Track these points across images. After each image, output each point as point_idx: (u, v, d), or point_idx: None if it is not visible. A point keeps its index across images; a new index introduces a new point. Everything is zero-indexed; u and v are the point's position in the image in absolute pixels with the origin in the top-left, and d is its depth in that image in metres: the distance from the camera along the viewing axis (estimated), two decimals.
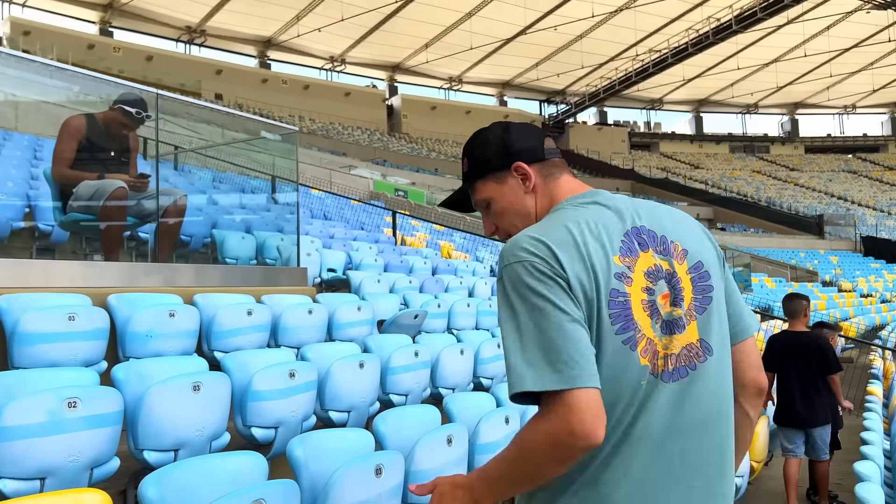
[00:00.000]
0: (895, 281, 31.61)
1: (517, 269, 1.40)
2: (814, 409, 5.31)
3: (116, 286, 4.40)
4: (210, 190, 9.90)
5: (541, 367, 1.31)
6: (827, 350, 5.43)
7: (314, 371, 3.79)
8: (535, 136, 1.64)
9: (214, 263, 6.66)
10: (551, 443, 1.31)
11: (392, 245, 11.01)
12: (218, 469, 2.40)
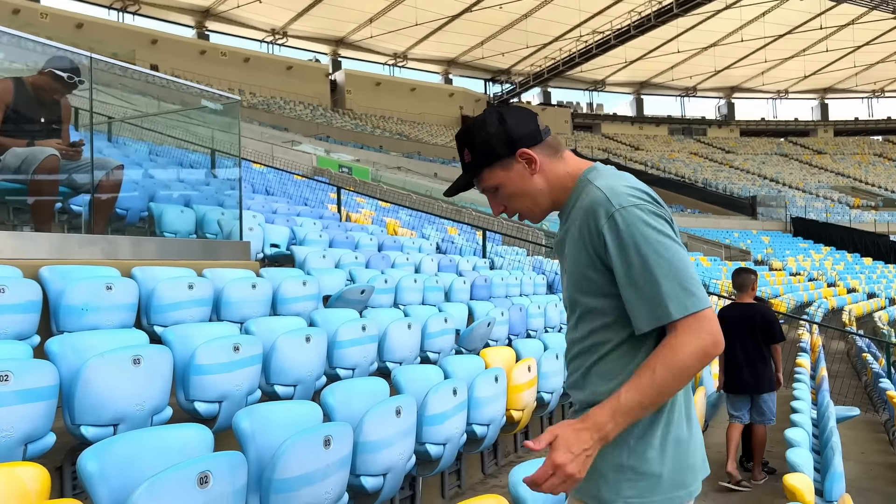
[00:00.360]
0: (822, 260, 33.02)
1: (633, 211, 1.58)
2: (760, 377, 5.52)
3: (48, 258, 4.21)
4: (147, 163, 9.56)
5: (681, 295, 1.54)
6: (773, 321, 5.64)
7: (259, 345, 3.72)
8: (531, 119, 1.74)
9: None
10: (703, 353, 1.54)
11: (337, 221, 10.87)
12: (161, 441, 2.34)
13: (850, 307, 23.40)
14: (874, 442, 7.54)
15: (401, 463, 3.20)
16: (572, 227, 1.70)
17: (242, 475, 2.32)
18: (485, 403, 4.02)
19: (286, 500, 2.52)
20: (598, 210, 1.60)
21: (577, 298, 1.70)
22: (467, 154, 1.73)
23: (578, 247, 1.66)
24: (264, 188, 13.00)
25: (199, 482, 2.13)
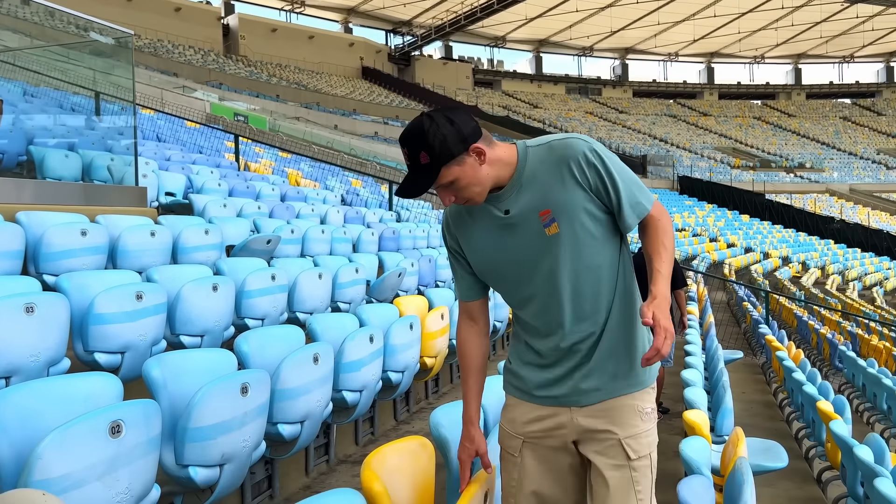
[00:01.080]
0: (705, 217, 34.98)
1: (600, 145, 1.93)
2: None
3: None
4: (22, 104, 8.78)
5: (645, 192, 1.96)
6: (675, 268, 5.91)
7: (163, 293, 3.53)
8: (471, 116, 1.90)
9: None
10: (671, 221, 2.04)
11: (235, 170, 10.44)
12: (65, 391, 2.17)
13: (730, 261, 25.03)
14: (753, 382, 8.14)
15: (318, 410, 3.15)
16: (534, 189, 1.90)
17: (157, 424, 2.21)
18: (400, 350, 4.01)
19: (202, 448, 2.42)
20: (577, 151, 1.89)
21: (577, 235, 1.91)
22: (424, 156, 1.82)
23: (564, 188, 1.89)
24: (155, 135, 12.28)
25: (110, 432, 2.00)
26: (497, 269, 2.00)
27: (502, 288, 2.05)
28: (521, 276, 1.97)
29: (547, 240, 1.91)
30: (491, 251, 1.98)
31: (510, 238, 1.94)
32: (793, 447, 5.65)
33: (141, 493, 2.14)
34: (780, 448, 4.09)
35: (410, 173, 1.85)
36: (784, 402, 6.83)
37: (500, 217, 1.93)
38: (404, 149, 1.85)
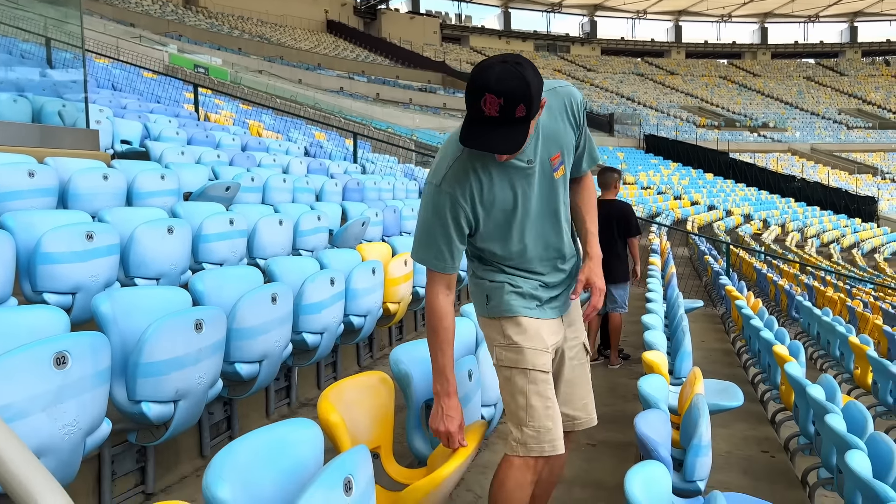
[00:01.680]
0: (670, 175, 35.31)
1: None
2: (612, 269, 5.84)
3: None
4: None
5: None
6: (629, 216, 5.96)
7: (115, 234, 3.42)
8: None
9: None
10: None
11: (195, 121, 10.17)
12: (8, 323, 2.10)
13: (693, 217, 25.39)
14: (713, 332, 8.31)
15: (277, 350, 3.11)
16: (547, 135, 2.00)
17: (105, 357, 2.14)
18: (362, 294, 3.97)
19: (155, 384, 2.37)
20: (576, 96, 2.07)
21: (567, 174, 2.11)
22: (521, 109, 1.76)
23: (566, 130, 2.05)
24: (110, 83, 11.87)
25: (55, 363, 1.94)
26: (512, 220, 2.05)
27: (509, 236, 2.08)
28: (533, 220, 2.07)
29: (555, 182, 2.07)
30: (511, 204, 2.01)
31: (530, 186, 2.02)
32: (749, 391, 5.79)
33: (90, 426, 2.09)
34: (736, 388, 4.18)
35: (503, 126, 1.78)
36: (742, 350, 6.99)
37: (523, 168, 1.98)
38: (499, 98, 1.73)
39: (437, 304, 2.10)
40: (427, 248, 2.04)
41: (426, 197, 2.03)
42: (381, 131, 17.48)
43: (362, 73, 46.62)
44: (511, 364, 2.15)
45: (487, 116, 1.76)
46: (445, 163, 1.99)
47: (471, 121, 1.81)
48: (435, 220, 2.00)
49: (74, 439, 2.02)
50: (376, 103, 37.44)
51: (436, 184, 1.98)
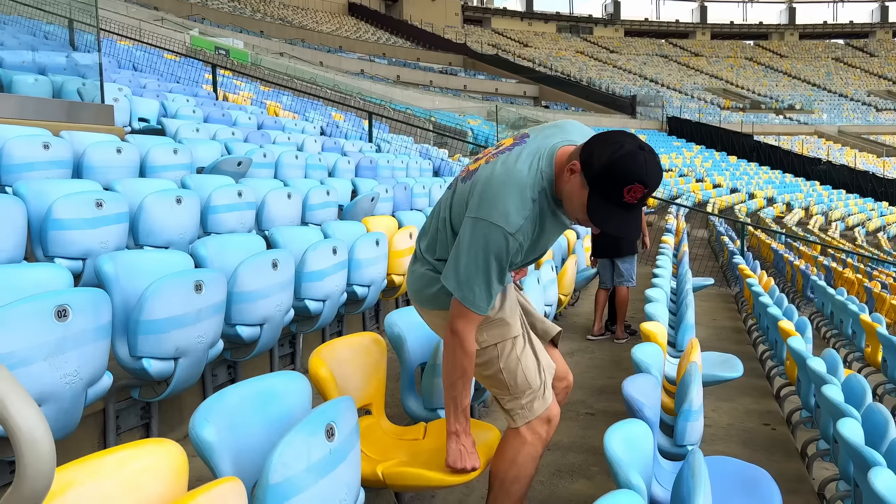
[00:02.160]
0: (692, 158, 34.92)
1: None
2: (618, 243, 5.93)
3: None
4: None
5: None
6: None
7: (125, 203, 3.53)
8: None
9: None
10: None
11: (213, 100, 10.29)
12: (13, 278, 2.20)
13: (715, 200, 25.14)
14: (725, 311, 8.30)
15: (278, 315, 3.20)
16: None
17: (106, 313, 2.24)
18: (365, 265, 4.05)
19: (155, 341, 2.47)
20: None
21: None
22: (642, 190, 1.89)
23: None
24: (131, 65, 12.03)
25: (56, 315, 2.04)
26: (533, 257, 2.19)
27: (539, 253, 2.21)
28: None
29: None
30: (545, 248, 2.17)
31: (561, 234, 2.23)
32: (756, 367, 5.80)
33: (91, 377, 2.19)
34: (736, 360, 4.20)
35: (634, 210, 1.90)
36: (752, 327, 6.98)
37: (567, 224, 2.15)
38: (646, 189, 1.86)
39: (471, 346, 2.08)
40: (479, 290, 2.00)
41: (491, 240, 1.97)
42: (399, 112, 17.52)
43: (383, 56, 46.54)
44: (497, 339, 2.20)
45: (625, 202, 1.85)
46: (520, 214, 1.96)
47: (605, 202, 1.87)
48: (496, 266, 1.99)
49: (76, 389, 2.12)
50: (396, 85, 37.42)
51: (510, 232, 1.95)
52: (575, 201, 1.93)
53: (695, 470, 1.96)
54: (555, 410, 2.29)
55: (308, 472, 1.74)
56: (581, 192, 1.90)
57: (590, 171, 1.87)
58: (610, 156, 1.84)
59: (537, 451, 2.23)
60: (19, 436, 0.92)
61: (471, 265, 1.98)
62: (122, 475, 1.46)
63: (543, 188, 1.98)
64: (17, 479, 0.93)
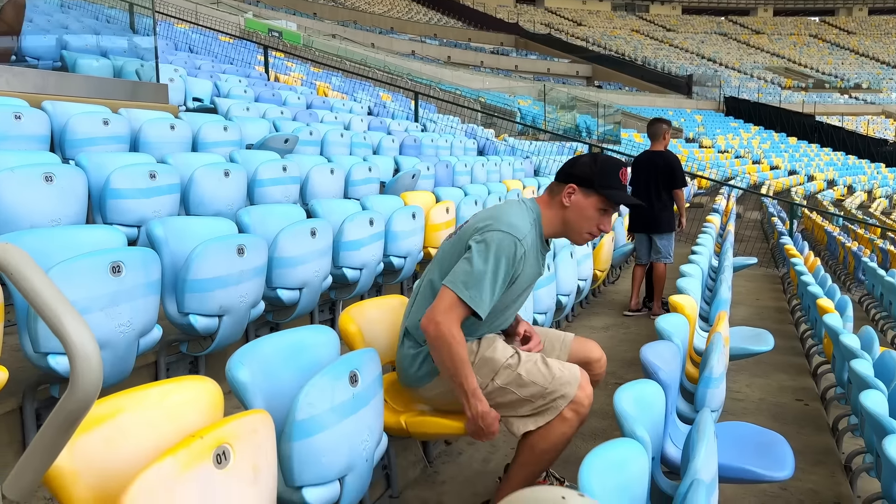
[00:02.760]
0: (750, 139, 34.03)
1: None
2: (657, 219, 5.96)
3: None
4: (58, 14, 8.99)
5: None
6: (675, 167, 5.98)
7: (176, 175, 3.76)
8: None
9: None
10: None
11: (264, 81, 10.58)
12: (72, 238, 2.43)
13: (771, 182, 24.50)
14: (770, 291, 8.20)
15: (316, 280, 3.39)
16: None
17: (156, 270, 2.45)
18: (402, 237, 4.21)
19: (200, 299, 2.68)
20: None
21: None
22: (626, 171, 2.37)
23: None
24: (188, 47, 12.43)
25: (111, 270, 2.25)
26: (519, 295, 2.38)
27: (506, 309, 2.38)
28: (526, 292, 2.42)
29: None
30: (529, 282, 2.39)
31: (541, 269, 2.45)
32: (796, 346, 5.78)
33: (142, 328, 2.41)
34: (767, 335, 4.22)
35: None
36: (795, 307, 6.90)
37: (540, 271, 2.43)
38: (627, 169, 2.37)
39: (459, 334, 2.17)
40: (486, 292, 2.16)
41: (502, 244, 2.18)
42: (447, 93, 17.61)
43: (434, 37, 46.54)
44: (493, 373, 2.31)
45: (623, 184, 2.32)
46: (525, 226, 2.26)
47: (614, 191, 2.30)
48: (504, 269, 2.18)
49: (128, 338, 2.34)
50: (446, 66, 37.42)
51: (518, 238, 2.20)
52: (585, 212, 2.30)
53: (700, 427, 2.06)
54: (584, 393, 2.32)
55: (332, 412, 1.91)
56: (588, 200, 2.29)
57: (590, 180, 2.28)
58: (593, 163, 2.33)
59: (572, 429, 2.29)
60: (73, 350, 1.10)
61: (483, 267, 2.15)
62: (165, 405, 1.64)
63: (536, 218, 2.33)
64: (70, 386, 1.11)
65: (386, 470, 2.73)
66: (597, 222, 2.31)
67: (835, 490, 3.21)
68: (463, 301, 2.14)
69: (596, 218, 2.31)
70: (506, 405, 2.29)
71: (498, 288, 2.18)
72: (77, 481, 1.39)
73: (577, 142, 16.10)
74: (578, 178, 2.29)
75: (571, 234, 2.37)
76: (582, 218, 2.31)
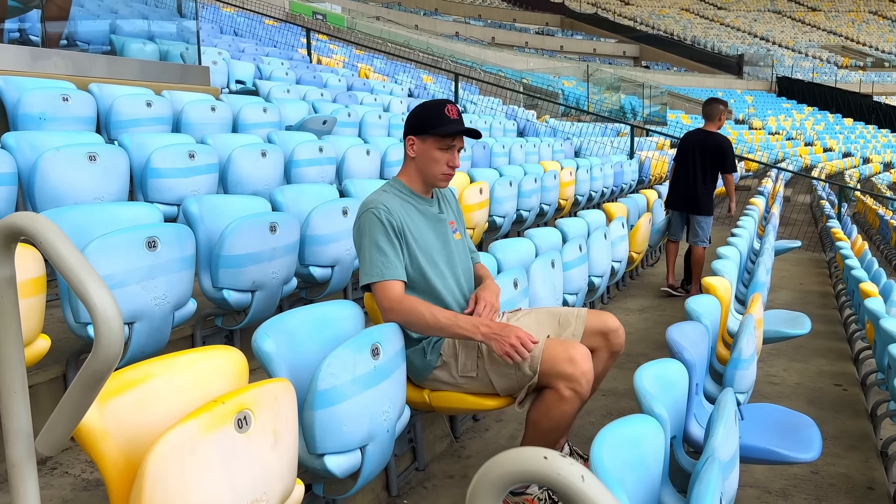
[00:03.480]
0: (803, 120, 33.01)
1: None
2: (697, 199, 5.88)
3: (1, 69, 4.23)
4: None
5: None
6: (726, 149, 5.87)
7: (214, 155, 3.86)
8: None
9: None
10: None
11: (306, 63, 10.69)
12: (112, 214, 2.53)
13: (824, 164, 23.77)
14: (815, 275, 8.01)
15: (348, 258, 3.45)
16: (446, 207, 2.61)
17: (190, 246, 2.54)
18: None
19: (234, 274, 2.77)
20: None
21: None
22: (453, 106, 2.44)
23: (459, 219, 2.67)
24: (232, 30, 12.62)
25: (147, 245, 2.35)
26: (433, 254, 2.44)
27: (435, 266, 2.44)
28: (446, 259, 2.49)
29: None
30: (444, 237, 2.50)
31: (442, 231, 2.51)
32: (838, 331, 5.66)
33: (177, 301, 2.50)
34: (805, 318, 4.15)
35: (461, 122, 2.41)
36: (840, 292, 6.74)
37: (435, 214, 2.51)
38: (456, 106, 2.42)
39: (408, 300, 2.34)
40: (381, 261, 2.38)
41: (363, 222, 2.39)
42: (490, 74, 17.53)
43: (478, 17, 46.21)
44: (470, 357, 2.39)
45: (453, 119, 2.37)
46: (377, 196, 2.43)
47: (444, 126, 2.37)
48: (377, 235, 2.37)
49: (164, 310, 2.44)
50: (490, 47, 37.14)
51: (372, 206, 2.38)
52: (428, 154, 2.39)
53: (720, 406, 2.06)
54: (580, 370, 2.28)
55: (353, 383, 1.97)
56: (426, 144, 2.39)
57: (421, 126, 2.39)
58: (419, 110, 2.43)
59: (573, 407, 2.29)
60: (96, 313, 1.16)
61: (368, 246, 2.34)
62: (192, 372, 1.72)
63: (392, 185, 2.49)
64: (94, 347, 1.18)
65: (412, 443, 2.80)
66: (445, 161, 2.39)
67: (868, 475, 3.16)
68: (382, 282, 2.31)
69: (441, 158, 2.39)
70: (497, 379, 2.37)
71: (390, 250, 2.32)
72: (107, 439, 1.48)
73: (621, 123, 15.86)
74: (412, 128, 2.41)
75: (430, 180, 2.45)
76: (429, 161, 2.40)
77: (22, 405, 1.31)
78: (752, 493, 2.92)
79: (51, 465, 2.32)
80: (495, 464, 0.86)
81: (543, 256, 3.45)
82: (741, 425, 2.68)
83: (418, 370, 2.45)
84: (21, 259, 2.03)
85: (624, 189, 9.10)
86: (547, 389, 2.30)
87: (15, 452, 1.29)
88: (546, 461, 0.85)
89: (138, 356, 2.33)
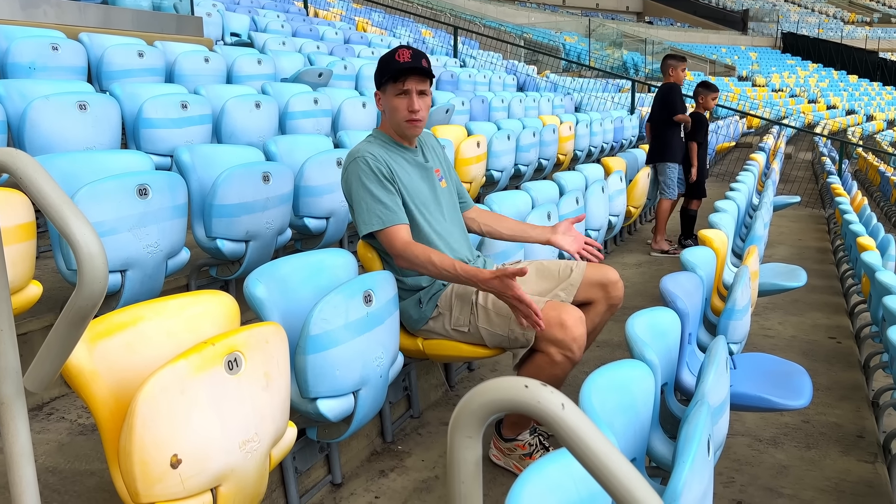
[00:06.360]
0: (807, 77, 32.59)
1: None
2: (655, 148, 6.08)
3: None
4: None
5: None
6: (665, 94, 6.03)
7: (208, 105, 3.81)
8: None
9: None
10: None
11: (303, 16, 10.50)
12: (103, 162, 2.51)
13: (827, 122, 23.56)
14: (814, 231, 8.00)
15: (342, 210, 3.43)
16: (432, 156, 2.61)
17: (182, 195, 2.52)
18: None
19: (227, 224, 2.75)
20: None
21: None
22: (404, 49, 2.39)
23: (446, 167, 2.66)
24: None
25: (138, 193, 2.33)
26: (424, 202, 2.45)
27: (427, 214, 2.45)
28: (436, 207, 2.50)
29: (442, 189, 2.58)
30: (432, 184, 2.51)
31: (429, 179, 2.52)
32: (835, 286, 5.67)
33: (170, 250, 2.50)
34: (801, 271, 4.15)
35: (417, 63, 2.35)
36: (839, 247, 6.74)
37: (421, 163, 2.51)
38: (409, 51, 2.37)
39: (417, 247, 2.32)
40: (381, 208, 2.38)
41: (352, 172, 2.41)
42: (491, 28, 17.22)
43: None
44: (467, 305, 2.40)
45: (405, 62, 2.32)
46: (361, 147, 2.44)
47: (398, 72, 2.34)
48: (370, 182, 2.38)
49: (156, 258, 2.43)
50: (490, 1, 36.44)
51: (358, 155, 2.41)
52: (391, 103, 2.39)
53: (711, 353, 2.07)
54: (571, 335, 2.26)
55: (345, 328, 1.97)
56: (388, 94, 2.39)
57: (380, 78, 2.39)
58: (378, 64, 2.42)
59: (564, 371, 2.28)
60: (78, 249, 1.15)
61: (361, 194, 2.34)
62: (183, 316, 1.72)
63: (375, 137, 2.48)
64: (77, 285, 1.18)
65: (407, 391, 2.82)
66: (405, 106, 2.37)
67: (858, 424, 3.20)
68: (384, 229, 2.31)
69: (400, 104, 2.38)
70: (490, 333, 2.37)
71: (384, 195, 2.33)
72: (97, 380, 1.48)
73: (622, 78, 15.66)
74: (376, 83, 2.45)
75: (400, 129, 2.44)
76: (391, 111, 2.40)
77: (9, 343, 1.31)
78: (743, 441, 2.95)
79: (47, 411, 2.34)
80: (477, 393, 0.86)
81: (539, 209, 3.43)
82: (733, 374, 2.70)
83: (413, 320, 2.46)
84: (10, 205, 2.02)
85: (624, 145, 9.03)
86: (538, 353, 2.29)
87: (3, 390, 1.30)
88: (527, 389, 0.84)
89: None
